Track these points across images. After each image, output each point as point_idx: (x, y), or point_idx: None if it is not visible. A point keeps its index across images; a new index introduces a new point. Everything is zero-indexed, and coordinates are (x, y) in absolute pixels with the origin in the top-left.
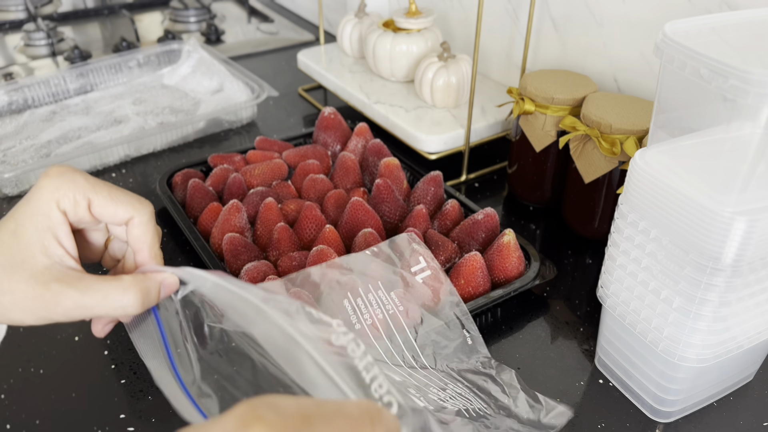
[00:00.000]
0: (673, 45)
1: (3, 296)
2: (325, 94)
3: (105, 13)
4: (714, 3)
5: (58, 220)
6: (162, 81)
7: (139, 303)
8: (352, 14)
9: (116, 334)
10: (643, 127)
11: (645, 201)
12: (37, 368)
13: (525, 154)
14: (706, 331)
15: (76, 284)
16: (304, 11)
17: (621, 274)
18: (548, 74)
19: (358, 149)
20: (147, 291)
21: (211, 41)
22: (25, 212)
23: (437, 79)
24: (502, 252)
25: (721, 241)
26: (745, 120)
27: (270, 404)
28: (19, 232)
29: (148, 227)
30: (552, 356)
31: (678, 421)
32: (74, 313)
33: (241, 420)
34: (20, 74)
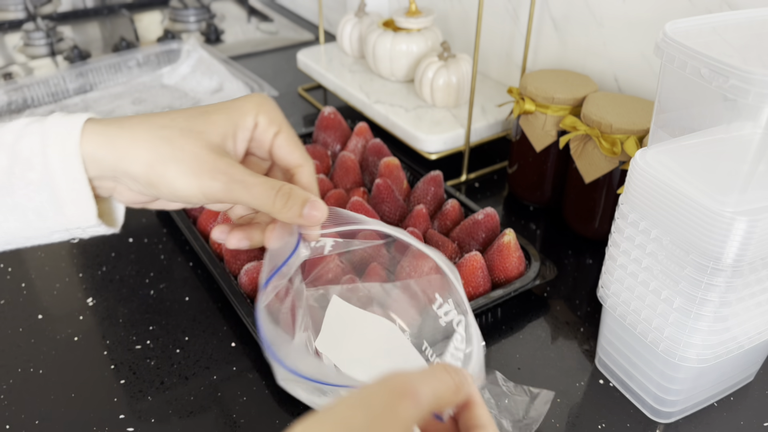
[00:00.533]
0: (673, 44)
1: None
2: (324, 93)
3: (104, 12)
4: (714, 2)
5: (248, 125)
6: (161, 81)
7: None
8: (352, 14)
9: (116, 334)
10: (643, 126)
11: (645, 201)
12: (36, 368)
13: (525, 154)
14: (706, 331)
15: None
16: (303, 11)
17: (621, 274)
18: (548, 74)
19: (358, 149)
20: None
21: (211, 41)
22: (225, 105)
23: (437, 79)
24: (503, 252)
25: (721, 241)
26: (746, 120)
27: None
28: (210, 112)
29: (314, 178)
30: (552, 356)
31: (678, 421)
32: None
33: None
34: (19, 74)
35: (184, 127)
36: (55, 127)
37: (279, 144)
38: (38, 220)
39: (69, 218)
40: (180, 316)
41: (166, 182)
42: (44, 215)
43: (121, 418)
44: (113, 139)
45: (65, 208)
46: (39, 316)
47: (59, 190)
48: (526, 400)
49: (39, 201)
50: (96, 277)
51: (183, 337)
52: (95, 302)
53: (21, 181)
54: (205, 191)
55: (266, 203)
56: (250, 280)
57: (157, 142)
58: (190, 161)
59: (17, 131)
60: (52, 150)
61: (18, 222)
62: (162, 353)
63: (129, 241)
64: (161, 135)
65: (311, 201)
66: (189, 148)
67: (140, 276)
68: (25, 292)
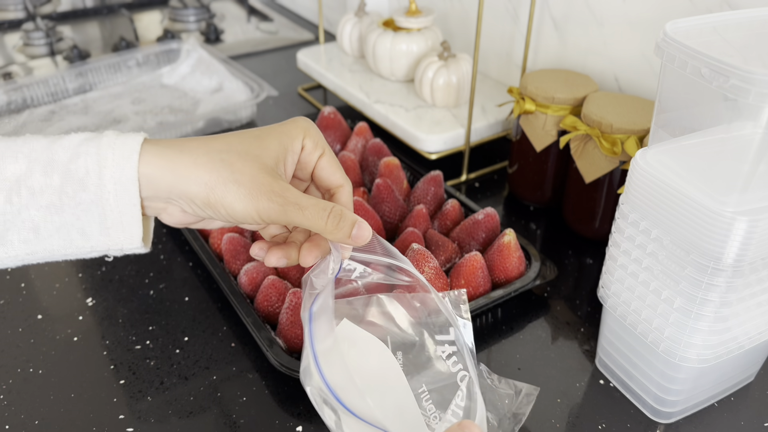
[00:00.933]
0: (674, 44)
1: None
2: (324, 93)
3: (104, 12)
4: (715, 2)
5: (295, 149)
6: (161, 80)
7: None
8: (352, 13)
9: (115, 334)
10: (644, 126)
11: (646, 201)
12: (36, 368)
13: (525, 153)
14: (707, 332)
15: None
16: (303, 10)
17: (622, 274)
18: (549, 74)
19: (358, 149)
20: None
21: (211, 40)
22: (274, 129)
23: (437, 79)
24: (503, 252)
25: (722, 241)
26: (746, 120)
27: None
28: (263, 137)
29: (351, 198)
30: (552, 357)
31: (679, 421)
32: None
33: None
34: (19, 74)
35: (241, 150)
36: (112, 150)
37: (322, 166)
38: (81, 239)
39: (113, 240)
40: (180, 316)
41: (225, 204)
42: (89, 235)
43: (121, 419)
44: (173, 162)
45: (111, 231)
46: (38, 316)
47: (109, 212)
48: (512, 395)
49: (86, 221)
50: (95, 277)
51: (183, 337)
52: (95, 302)
53: (72, 200)
54: (261, 212)
55: (319, 224)
56: (250, 280)
57: (218, 164)
58: (248, 184)
59: (72, 149)
60: (110, 173)
61: (62, 240)
62: (162, 353)
63: None
64: (221, 158)
65: (359, 223)
66: (248, 171)
67: (140, 276)
68: (25, 293)
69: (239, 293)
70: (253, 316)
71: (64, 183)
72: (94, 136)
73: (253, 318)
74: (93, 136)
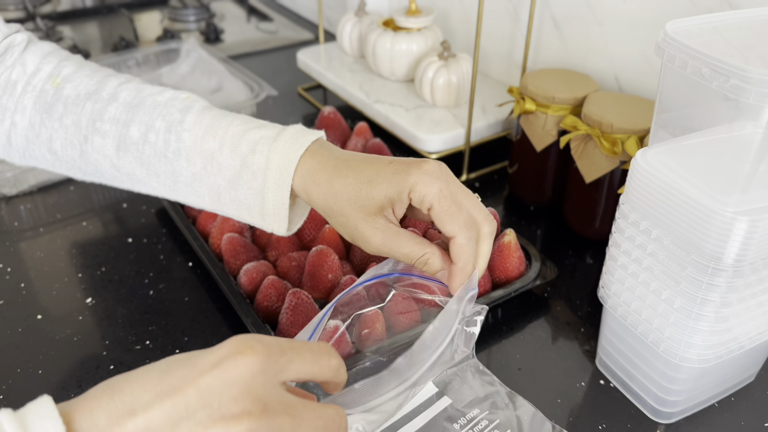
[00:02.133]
0: (674, 44)
1: (339, 217)
2: (324, 93)
3: (104, 12)
4: (715, 2)
5: (402, 200)
6: (161, 80)
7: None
8: (352, 13)
9: (115, 334)
10: (644, 126)
11: (646, 201)
12: (36, 368)
13: (526, 153)
14: (707, 332)
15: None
16: (303, 10)
17: (622, 274)
18: (549, 73)
19: (358, 149)
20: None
21: (210, 40)
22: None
23: (437, 78)
24: (503, 252)
25: (722, 241)
26: (747, 119)
27: (256, 338)
28: (374, 185)
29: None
30: (553, 357)
31: (679, 421)
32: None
33: (235, 348)
34: None
35: (351, 197)
36: (278, 157)
37: (433, 216)
38: (247, 214)
39: (267, 223)
40: (179, 316)
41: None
42: (252, 213)
43: None
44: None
45: (266, 216)
46: (38, 316)
47: (267, 203)
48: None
49: (252, 202)
50: (95, 277)
51: (182, 337)
52: (94, 302)
53: (245, 184)
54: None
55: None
56: (250, 280)
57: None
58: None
59: (252, 145)
60: (272, 176)
61: (234, 210)
62: (161, 353)
63: (128, 241)
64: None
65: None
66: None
67: (139, 276)
68: (24, 293)
69: (239, 293)
70: (252, 316)
71: (242, 169)
72: (275, 136)
73: (253, 318)
74: (273, 137)
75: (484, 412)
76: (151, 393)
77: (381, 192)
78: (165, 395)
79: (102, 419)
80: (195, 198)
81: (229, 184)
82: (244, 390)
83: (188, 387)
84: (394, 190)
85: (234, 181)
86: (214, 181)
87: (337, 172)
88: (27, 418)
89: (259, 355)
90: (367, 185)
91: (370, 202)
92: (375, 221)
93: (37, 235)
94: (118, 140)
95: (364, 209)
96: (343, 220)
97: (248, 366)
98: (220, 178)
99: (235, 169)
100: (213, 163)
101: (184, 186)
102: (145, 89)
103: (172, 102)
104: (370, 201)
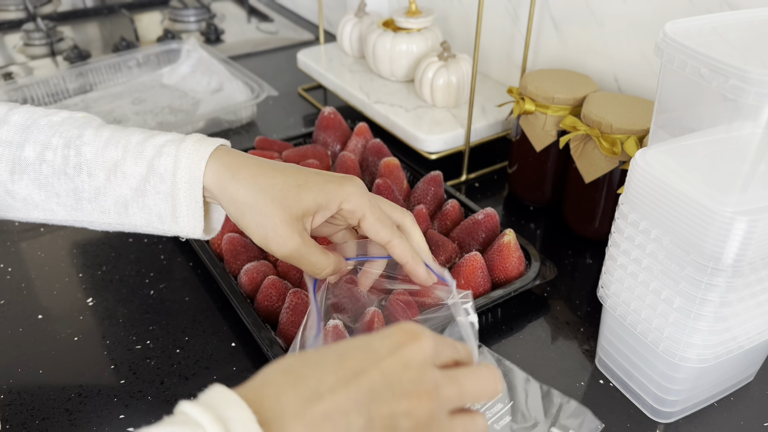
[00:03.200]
0: (673, 44)
1: (258, 215)
2: (324, 93)
3: (104, 12)
4: (714, 2)
5: (331, 208)
6: (161, 81)
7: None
8: (352, 14)
9: (115, 334)
10: (643, 126)
11: (646, 201)
12: (36, 368)
13: (525, 153)
14: (706, 332)
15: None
16: (303, 11)
17: (621, 274)
18: (548, 74)
19: (358, 149)
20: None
21: (211, 41)
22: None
23: (437, 79)
24: (503, 252)
25: (721, 241)
26: (746, 120)
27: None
28: (305, 188)
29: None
30: (552, 356)
31: (678, 421)
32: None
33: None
34: (19, 74)
35: (277, 196)
36: (187, 155)
37: (365, 227)
38: (158, 221)
39: (181, 227)
40: (180, 316)
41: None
42: (163, 219)
43: (121, 418)
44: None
45: (180, 219)
46: (39, 316)
47: (179, 204)
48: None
49: (163, 208)
50: (96, 277)
51: (183, 337)
52: (95, 302)
53: (153, 189)
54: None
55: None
56: (250, 279)
57: (252, 202)
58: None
59: (157, 148)
60: (182, 174)
61: (143, 220)
62: (162, 353)
63: (129, 241)
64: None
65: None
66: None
67: (140, 276)
68: (25, 293)
69: (239, 293)
70: (253, 315)
71: (148, 174)
72: (179, 138)
73: (253, 318)
74: (177, 139)
75: None
76: (334, 376)
77: (310, 197)
78: (349, 379)
79: (291, 405)
80: (99, 214)
81: (135, 192)
82: (420, 371)
83: (372, 369)
84: (324, 197)
85: (141, 189)
86: (120, 192)
87: (262, 171)
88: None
89: (430, 340)
90: (296, 188)
91: (296, 205)
92: (296, 225)
93: (38, 235)
94: (12, 163)
95: (287, 210)
96: (262, 219)
97: (422, 350)
98: (126, 187)
99: (141, 175)
100: (117, 173)
101: (87, 203)
102: (38, 111)
103: (68, 120)
104: (297, 203)
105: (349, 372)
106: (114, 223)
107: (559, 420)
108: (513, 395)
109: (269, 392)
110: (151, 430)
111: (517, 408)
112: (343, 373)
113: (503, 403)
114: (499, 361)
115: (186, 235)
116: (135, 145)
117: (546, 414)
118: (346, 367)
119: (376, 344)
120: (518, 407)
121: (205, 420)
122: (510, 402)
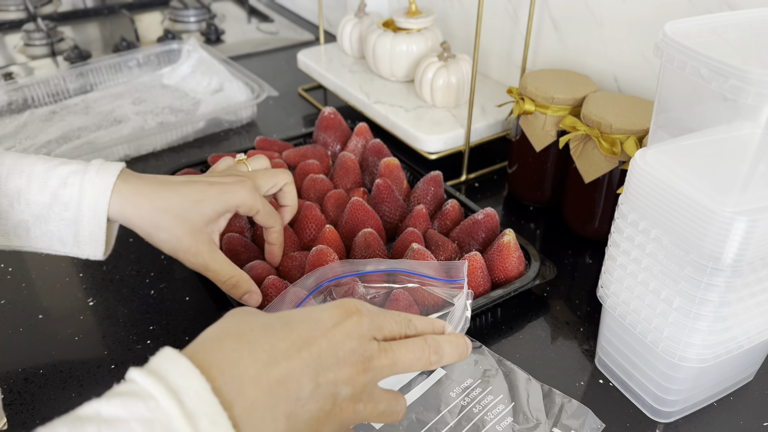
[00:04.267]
0: (673, 45)
1: (163, 232)
2: (325, 93)
3: (105, 12)
4: (714, 3)
5: (230, 212)
6: (162, 81)
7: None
8: (352, 14)
9: (116, 334)
10: (643, 126)
11: (645, 201)
12: (36, 368)
13: (525, 154)
14: (706, 331)
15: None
16: (304, 11)
17: (621, 274)
18: (548, 74)
19: (358, 149)
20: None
21: (211, 41)
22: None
23: (437, 79)
24: (502, 252)
25: (721, 241)
26: (746, 120)
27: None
28: (204, 201)
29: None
30: (552, 356)
31: (678, 421)
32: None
33: (349, 308)
34: (20, 74)
35: (178, 213)
36: (91, 187)
37: (258, 220)
38: (59, 245)
39: (82, 250)
40: (180, 316)
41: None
42: (65, 243)
43: None
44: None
45: (82, 244)
46: (39, 316)
47: (82, 231)
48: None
49: (65, 233)
50: (96, 277)
51: (183, 337)
52: (95, 302)
53: (57, 216)
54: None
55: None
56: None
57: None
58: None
59: (62, 178)
60: (87, 203)
61: (44, 243)
62: None
63: (129, 241)
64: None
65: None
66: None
67: (140, 276)
68: (26, 292)
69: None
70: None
71: (52, 202)
72: (82, 169)
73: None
74: (81, 170)
75: (476, 381)
76: (286, 343)
77: (210, 208)
78: (300, 346)
79: (250, 369)
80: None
81: (37, 218)
82: (359, 341)
83: (320, 338)
84: (223, 206)
85: (43, 216)
86: (22, 218)
87: (158, 194)
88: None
89: (367, 315)
90: (195, 204)
91: (198, 218)
92: (199, 235)
93: None
94: None
95: (190, 224)
96: (167, 235)
97: (361, 323)
98: (28, 214)
99: (44, 203)
100: (20, 201)
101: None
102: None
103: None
104: (198, 217)
105: (299, 339)
106: (14, 244)
107: (560, 420)
108: (514, 396)
109: (224, 357)
110: (101, 403)
111: (518, 408)
112: (293, 339)
113: (505, 404)
114: (500, 361)
115: (86, 257)
116: (39, 175)
117: (548, 414)
118: (295, 335)
119: (320, 315)
120: (520, 408)
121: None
122: (512, 403)
